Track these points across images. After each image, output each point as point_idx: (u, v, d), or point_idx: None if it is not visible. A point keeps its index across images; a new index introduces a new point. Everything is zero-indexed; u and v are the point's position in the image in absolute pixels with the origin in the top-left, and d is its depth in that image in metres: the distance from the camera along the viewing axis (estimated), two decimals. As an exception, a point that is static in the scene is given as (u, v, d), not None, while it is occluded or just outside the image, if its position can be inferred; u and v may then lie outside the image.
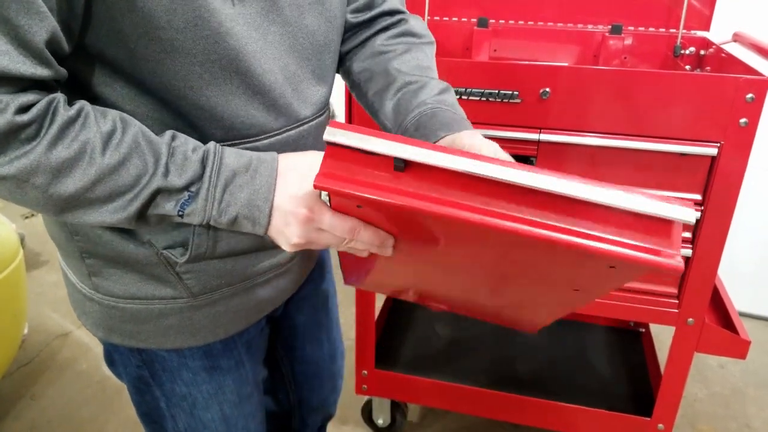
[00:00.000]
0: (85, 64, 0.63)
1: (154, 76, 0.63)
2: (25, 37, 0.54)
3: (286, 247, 0.69)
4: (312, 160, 0.68)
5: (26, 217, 3.05)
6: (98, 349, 2.14)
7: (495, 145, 0.69)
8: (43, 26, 0.55)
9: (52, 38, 0.56)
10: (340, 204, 0.64)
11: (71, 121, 0.59)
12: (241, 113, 0.68)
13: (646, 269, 0.54)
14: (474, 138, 0.71)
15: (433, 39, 0.91)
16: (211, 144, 0.66)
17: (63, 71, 0.60)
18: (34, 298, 2.36)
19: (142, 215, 0.65)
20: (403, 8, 0.91)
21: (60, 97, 0.60)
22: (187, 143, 0.65)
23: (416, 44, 0.87)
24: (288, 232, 0.67)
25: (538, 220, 0.54)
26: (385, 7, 0.89)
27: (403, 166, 0.55)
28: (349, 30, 0.88)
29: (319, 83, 0.78)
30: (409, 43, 0.87)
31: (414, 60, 0.84)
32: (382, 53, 0.85)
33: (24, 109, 0.56)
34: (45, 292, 2.46)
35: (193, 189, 0.64)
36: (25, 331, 1.88)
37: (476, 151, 0.66)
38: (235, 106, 0.68)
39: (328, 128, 0.55)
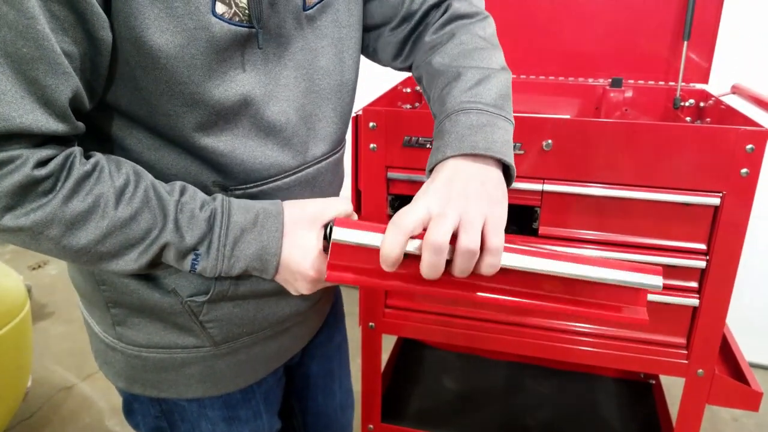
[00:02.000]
0: (108, 118, 0.66)
1: (174, 129, 0.66)
2: (51, 96, 0.56)
3: (293, 293, 0.74)
4: (315, 209, 0.72)
5: (33, 269, 3.07)
6: (101, 404, 2.11)
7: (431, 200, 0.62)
8: (69, 86, 0.57)
9: (75, 97, 0.59)
10: None
11: (87, 176, 0.61)
12: (258, 155, 0.71)
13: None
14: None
15: (486, 14, 0.84)
16: (219, 201, 0.68)
17: (81, 126, 0.62)
18: (39, 350, 2.35)
19: (153, 266, 0.68)
20: None
21: (77, 151, 0.62)
22: (194, 199, 0.67)
23: (464, 26, 0.81)
24: (297, 285, 0.73)
25: (516, 289, 0.65)
26: (426, 5, 0.83)
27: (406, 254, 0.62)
28: (401, 45, 0.86)
29: (338, 121, 0.81)
30: (455, 29, 0.81)
31: (457, 47, 0.78)
32: (430, 48, 0.81)
33: (42, 163, 0.58)
34: (49, 344, 2.44)
35: (200, 249, 0.67)
36: (29, 383, 1.86)
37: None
38: (251, 148, 0.70)
39: (335, 228, 0.64)
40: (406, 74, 1.77)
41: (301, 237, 0.70)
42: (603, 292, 0.65)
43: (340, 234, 0.64)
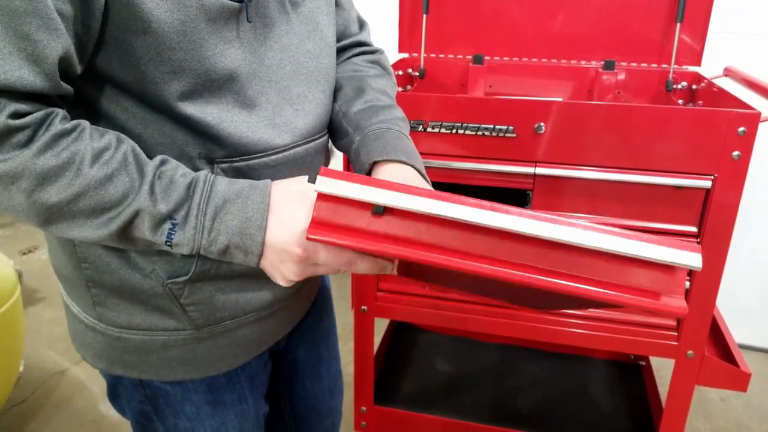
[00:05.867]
0: (95, 86, 0.65)
1: (161, 97, 0.65)
2: (42, 53, 0.56)
3: (282, 282, 0.68)
4: (304, 188, 0.68)
5: (24, 254, 3.05)
6: (95, 388, 2.11)
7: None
8: (60, 43, 0.57)
9: (65, 57, 0.58)
10: None
11: (65, 133, 0.60)
12: (244, 129, 0.70)
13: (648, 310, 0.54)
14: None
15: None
16: (203, 172, 0.66)
17: (69, 89, 0.61)
18: (31, 335, 2.34)
19: (126, 236, 0.64)
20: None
21: (60, 111, 0.61)
22: (176, 169, 0.65)
23: (386, 75, 0.95)
24: (283, 269, 0.67)
25: (519, 261, 0.55)
26: (360, 38, 0.96)
27: (383, 210, 0.57)
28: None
29: (327, 103, 0.83)
30: (381, 72, 0.94)
31: (385, 86, 0.91)
32: (357, 71, 0.91)
33: (20, 114, 0.57)
34: (41, 329, 2.44)
35: (177, 218, 0.63)
36: (21, 368, 1.86)
37: None
38: (237, 123, 0.70)
39: (319, 177, 0.57)
40: (398, 57, 1.77)
41: (288, 213, 0.65)
42: (635, 273, 0.53)
43: (325, 184, 0.57)
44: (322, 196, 0.58)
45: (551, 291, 0.55)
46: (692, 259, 0.53)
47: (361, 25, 0.98)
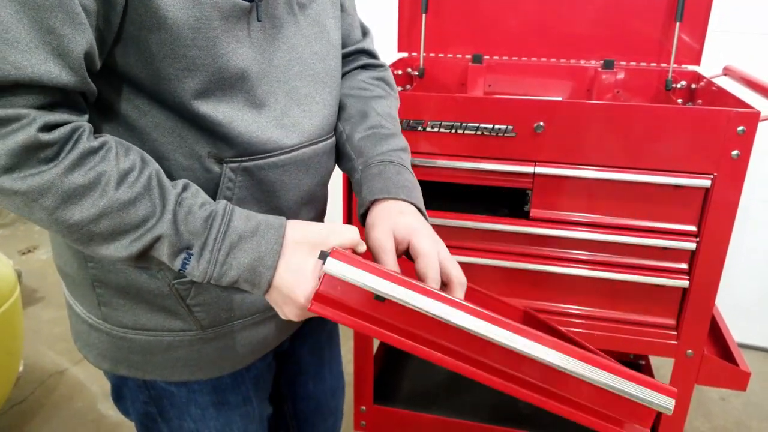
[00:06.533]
0: (108, 83, 0.66)
1: (175, 94, 0.66)
2: (67, 47, 0.56)
3: (281, 316, 0.71)
4: (319, 234, 0.69)
5: (23, 254, 3.05)
6: (94, 388, 2.11)
7: (430, 231, 0.77)
8: (85, 38, 0.58)
9: (89, 51, 0.59)
10: None
11: (92, 151, 0.60)
12: (254, 129, 0.71)
13: None
14: (414, 226, 0.77)
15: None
16: (221, 204, 0.67)
17: (93, 86, 0.62)
18: (30, 335, 2.34)
19: (144, 258, 0.66)
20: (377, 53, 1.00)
21: (87, 126, 0.61)
22: (196, 197, 0.66)
23: (391, 94, 0.96)
24: (285, 310, 0.70)
25: (487, 362, 0.63)
26: (364, 45, 0.96)
27: (383, 299, 0.62)
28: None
29: (334, 104, 0.83)
30: (386, 91, 0.95)
31: (389, 108, 0.92)
32: (363, 89, 0.92)
33: (49, 128, 0.57)
34: (41, 329, 2.44)
35: (193, 249, 0.65)
36: (20, 368, 1.86)
37: (416, 238, 0.74)
38: (247, 122, 0.70)
39: (329, 258, 0.62)
40: (397, 56, 1.77)
41: (298, 260, 0.67)
42: (606, 400, 0.60)
43: (333, 266, 0.61)
44: (328, 278, 0.62)
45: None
46: (665, 402, 0.59)
47: (365, 32, 0.97)
